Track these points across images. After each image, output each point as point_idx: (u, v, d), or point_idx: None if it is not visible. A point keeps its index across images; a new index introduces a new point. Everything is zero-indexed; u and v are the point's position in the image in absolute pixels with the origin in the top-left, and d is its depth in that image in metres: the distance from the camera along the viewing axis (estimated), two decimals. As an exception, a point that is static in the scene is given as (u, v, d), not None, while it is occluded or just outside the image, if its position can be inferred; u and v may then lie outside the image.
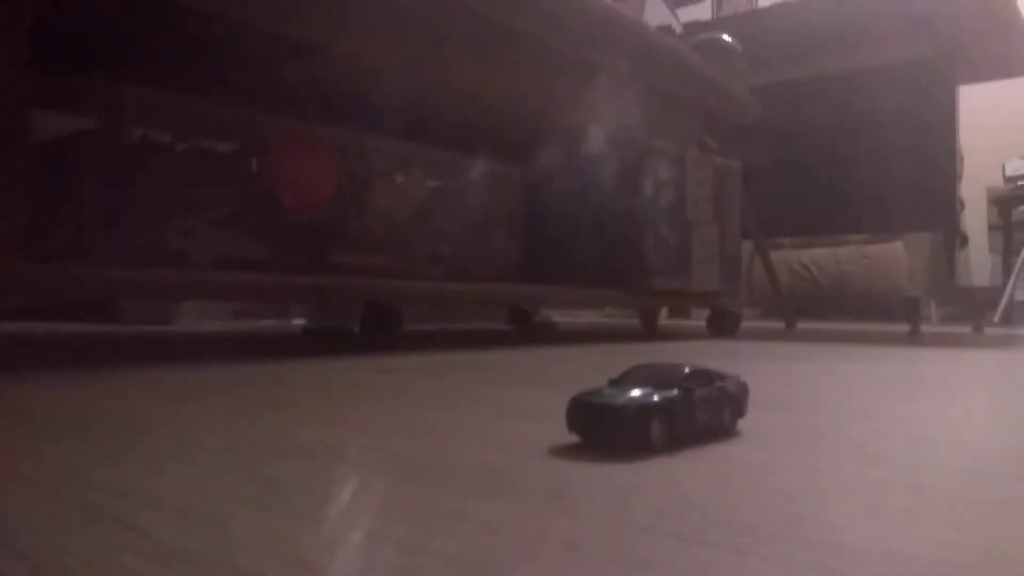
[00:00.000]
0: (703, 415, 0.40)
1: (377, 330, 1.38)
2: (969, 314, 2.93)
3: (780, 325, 2.25)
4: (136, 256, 1.06)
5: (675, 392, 0.39)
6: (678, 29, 2.13)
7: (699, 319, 2.46)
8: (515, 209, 1.78)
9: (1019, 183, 3.19)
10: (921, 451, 0.40)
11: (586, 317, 3.17)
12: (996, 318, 2.76)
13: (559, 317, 2.41)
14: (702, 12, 2.96)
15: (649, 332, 2.05)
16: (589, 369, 0.87)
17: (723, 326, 1.84)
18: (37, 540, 0.24)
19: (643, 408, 0.37)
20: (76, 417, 0.48)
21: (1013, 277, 2.88)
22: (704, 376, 0.42)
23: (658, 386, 0.39)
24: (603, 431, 0.38)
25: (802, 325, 2.25)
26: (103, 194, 1.08)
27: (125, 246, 1.07)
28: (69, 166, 1.08)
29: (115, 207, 1.09)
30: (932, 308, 3.06)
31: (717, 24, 2.37)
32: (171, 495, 0.29)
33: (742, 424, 0.44)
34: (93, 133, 1.15)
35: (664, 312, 2.80)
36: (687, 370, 0.41)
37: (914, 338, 1.54)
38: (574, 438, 0.40)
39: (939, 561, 0.22)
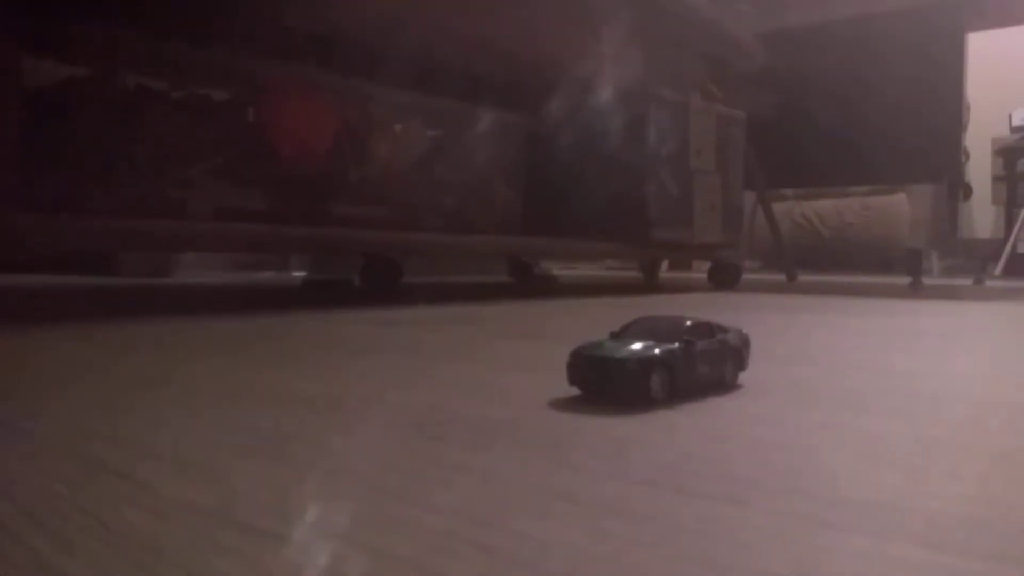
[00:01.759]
0: (704, 368, 0.40)
1: (377, 282, 1.38)
2: (971, 266, 2.93)
3: (781, 277, 2.25)
4: (134, 206, 1.06)
5: (676, 345, 0.39)
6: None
7: (700, 271, 2.46)
8: (516, 160, 1.77)
9: (1026, 133, 3.16)
10: (921, 404, 0.40)
11: (587, 269, 3.17)
12: (997, 270, 2.76)
13: (559, 269, 2.41)
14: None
15: (650, 284, 2.05)
16: (589, 322, 0.87)
17: (724, 278, 1.84)
18: (37, 492, 0.24)
19: (644, 361, 0.37)
20: (74, 370, 0.48)
21: (1016, 229, 2.87)
22: (705, 329, 0.41)
23: (659, 339, 0.39)
24: (604, 384, 0.38)
25: (803, 277, 2.25)
26: (99, 143, 1.07)
27: (122, 196, 1.06)
28: (64, 114, 1.07)
29: (111, 156, 1.08)
30: (934, 260, 3.05)
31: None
32: (171, 447, 0.29)
33: (743, 377, 0.44)
34: (88, 80, 1.13)
35: (665, 264, 2.80)
36: (688, 323, 0.41)
37: (915, 291, 1.54)
38: (574, 391, 0.40)
39: (939, 512, 0.22)
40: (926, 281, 1.85)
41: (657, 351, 0.38)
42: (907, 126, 2.00)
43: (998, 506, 0.23)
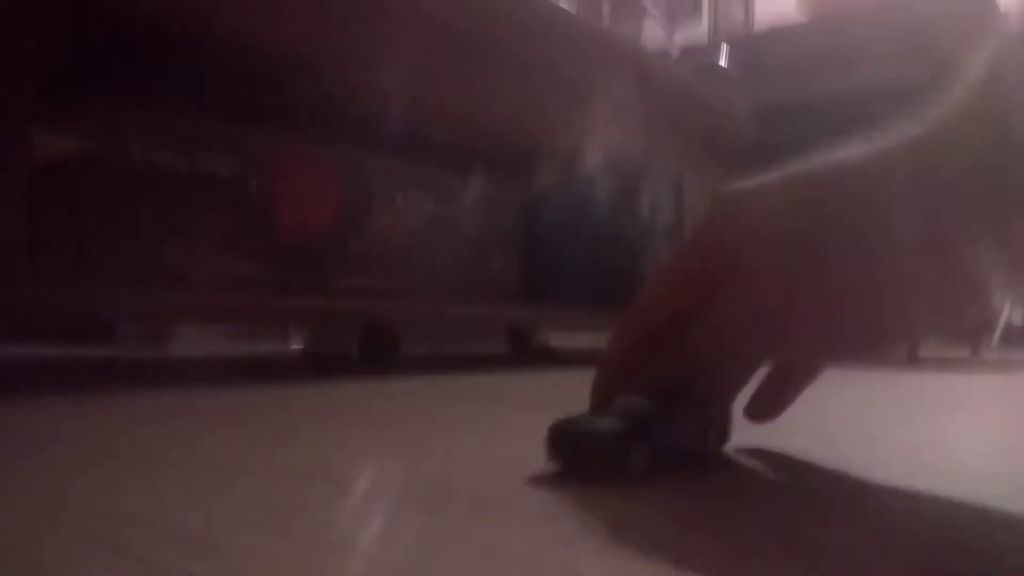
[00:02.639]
0: (686, 439, 0.39)
1: (375, 354, 1.38)
2: (966, 337, 2.92)
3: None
4: (134, 276, 1.07)
5: (656, 416, 0.38)
6: (676, 49, 2.14)
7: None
8: (514, 230, 1.79)
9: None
10: (921, 477, 0.40)
11: (586, 340, 3.16)
12: (993, 342, 2.76)
13: (558, 340, 2.41)
14: (699, 31, 2.98)
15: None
16: (586, 394, 0.87)
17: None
18: (30, 567, 0.24)
19: (623, 433, 0.36)
20: (69, 441, 0.48)
21: (1010, 301, 2.88)
22: (685, 400, 0.40)
23: (639, 411, 0.38)
24: (582, 458, 0.37)
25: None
26: (103, 215, 1.08)
27: (123, 266, 1.07)
28: (69, 186, 1.08)
29: (114, 228, 1.09)
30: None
31: (714, 47, 2.38)
32: (169, 520, 0.29)
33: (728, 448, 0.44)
34: (93, 154, 1.15)
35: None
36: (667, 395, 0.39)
37: (912, 362, 1.55)
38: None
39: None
40: (922, 352, 1.85)
41: (635, 422, 0.37)
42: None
43: None
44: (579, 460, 0.37)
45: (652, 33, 2.13)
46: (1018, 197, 0.30)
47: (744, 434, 0.45)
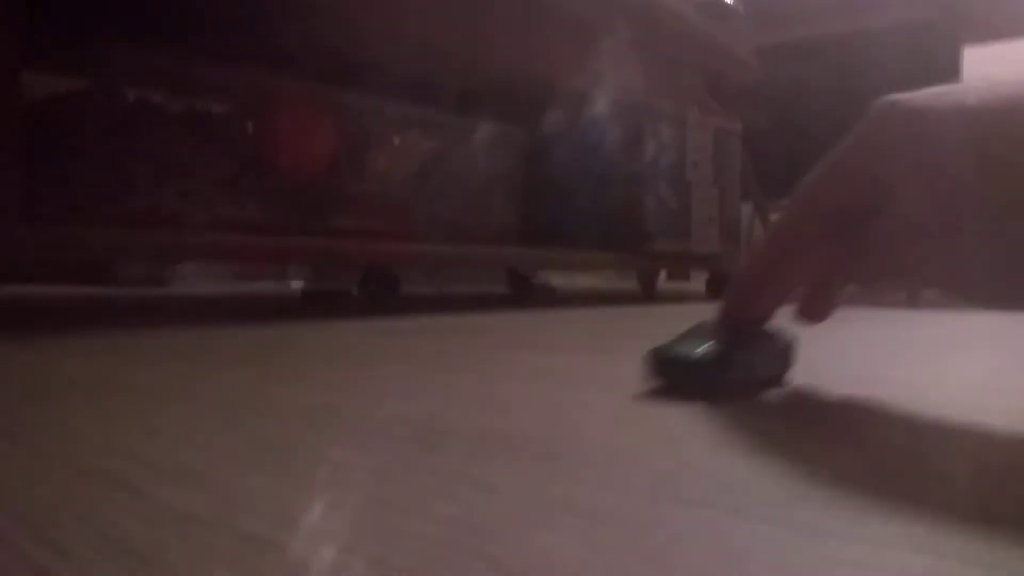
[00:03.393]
0: (763, 366, 0.45)
1: (375, 293, 1.38)
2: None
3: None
4: (132, 218, 1.06)
5: (743, 344, 0.44)
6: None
7: (698, 282, 2.46)
8: (514, 172, 1.77)
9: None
10: (925, 413, 0.40)
11: (585, 280, 3.17)
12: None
13: (557, 280, 2.41)
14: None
15: (648, 295, 2.05)
16: (586, 332, 0.87)
17: (722, 289, 1.84)
18: (33, 502, 0.24)
19: (716, 358, 0.42)
20: (70, 380, 0.48)
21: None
22: (762, 331, 0.46)
23: (730, 339, 0.44)
24: (683, 379, 0.43)
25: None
26: (98, 155, 1.07)
27: (121, 208, 1.07)
28: (63, 127, 1.07)
29: (110, 168, 1.08)
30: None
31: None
32: (169, 457, 0.29)
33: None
34: (87, 93, 1.13)
35: (663, 275, 2.80)
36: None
37: (912, 302, 1.55)
38: (569, 399, 0.40)
39: (938, 516, 0.22)
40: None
41: (723, 349, 0.43)
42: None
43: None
44: (680, 380, 0.43)
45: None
46: None
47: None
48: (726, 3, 1.88)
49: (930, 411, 0.40)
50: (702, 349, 0.43)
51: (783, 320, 0.47)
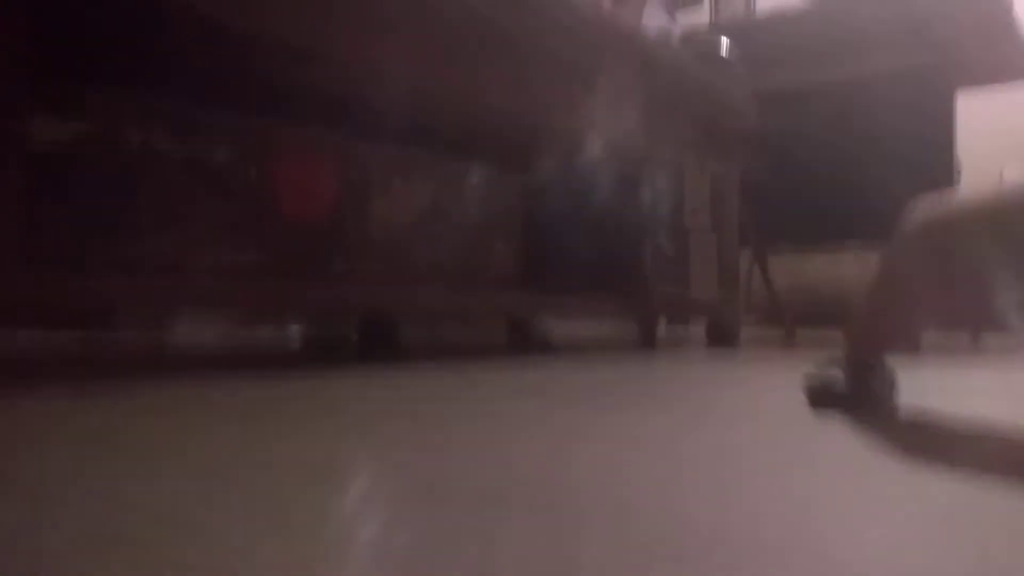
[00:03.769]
0: (883, 388, 0.60)
1: (375, 340, 1.37)
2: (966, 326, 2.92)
3: (779, 332, 2.24)
4: (133, 265, 1.06)
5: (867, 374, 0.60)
6: (677, 34, 2.13)
7: (698, 326, 2.45)
8: (513, 219, 1.78)
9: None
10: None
11: (584, 327, 3.16)
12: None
13: (557, 328, 2.41)
14: (700, 17, 2.97)
15: (647, 343, 2.05)
16: (587, 383, 0.87)
17: (722, 335, 1.84)
18: (33, 552, 0.24)
19: (855, 384, 0.58)
20: (71, 430, 0.48)
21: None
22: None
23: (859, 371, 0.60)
24: (831, 399, 0.58)
25: (801, 332, 2.25)
26: (101, 202, 1.08)
27: (122, 255, 1.07)
28: (66, 173, 1.08)
29: (113, 215, 1.09)
30: (930, 316, 3.05)
31: (715, 33, 2.37)
32: (169, 510, 0.29)
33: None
34: (91, 139, 1.14)
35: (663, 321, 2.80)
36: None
37: (912, 353, 1.54)
38: (567, 456, 0.40)
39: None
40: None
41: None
42: (899, 183, 2.02)
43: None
44: (828, 401, 0.58)
45: (653, 18, 2.12)
46: None
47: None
48: (722, 51, 1.91)
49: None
50: (839, 377, 0.59)
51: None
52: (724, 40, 1.95)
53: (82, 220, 1.06)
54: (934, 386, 0.78)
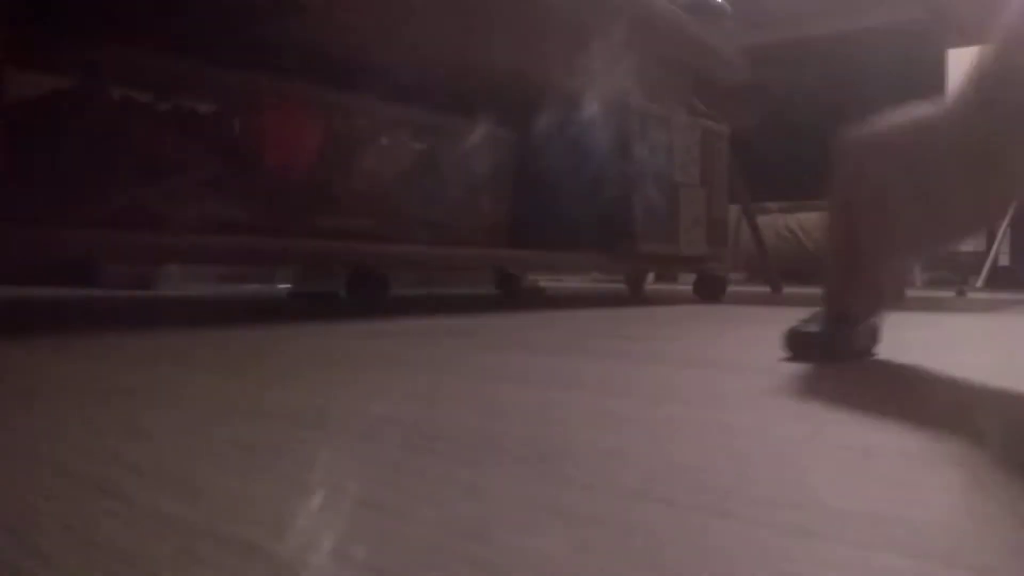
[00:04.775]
0: (864, 339, 0.63)
1: (363, 294, 1.37)
2: (953, 278, 2.95)
3: (766, 289, 2.26)
4: (116, 219, 1.05)
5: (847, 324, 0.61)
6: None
7: (686, 283, 2.46)
8: (502, 173, 1.77)
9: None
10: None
11: (573, 282, 3.17)
12: (979, 283, 2.79)
13: (545, 282, 2.41)
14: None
15: (635, 296, 2.05)
16: (575, 333, 0.87)
17: (710, 291, 1.85)
18: (15, 506, 0.23)
19: (833, 335, 0.60)
20: (56, 383, 0.48)
21: (996, 242, 2.90)
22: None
23: (839, 320, 0.60)
24: (808, 348, 0.60)
25: (787, 289, 2.26)
26: (82, 155, 1.06)
27: (105, 208, 1.06)
28: (46, 126, 1.06)
29: (94, 168, 1.07)
30: (917, 272, 3.08)
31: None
32: (152, 460, 0.29)
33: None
34: (71, 92, 1.12)
35: (651, 276, 2.81)
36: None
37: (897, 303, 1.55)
38: (560, 402, 0.40)
39: (927, 522, 0.22)
40: (909, 293, 1.86)
41: (840, 327, 0.61)
42: (890, 140, 2.01)
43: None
44: (806, 351, 0.60)
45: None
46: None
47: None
48: (714, 3, 1.89)
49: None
50: (819, 328, 0.60)
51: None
52: (716, -8, 1.92)
53: (66, 173, 1.05)
54: (918, 339, 0.78)
